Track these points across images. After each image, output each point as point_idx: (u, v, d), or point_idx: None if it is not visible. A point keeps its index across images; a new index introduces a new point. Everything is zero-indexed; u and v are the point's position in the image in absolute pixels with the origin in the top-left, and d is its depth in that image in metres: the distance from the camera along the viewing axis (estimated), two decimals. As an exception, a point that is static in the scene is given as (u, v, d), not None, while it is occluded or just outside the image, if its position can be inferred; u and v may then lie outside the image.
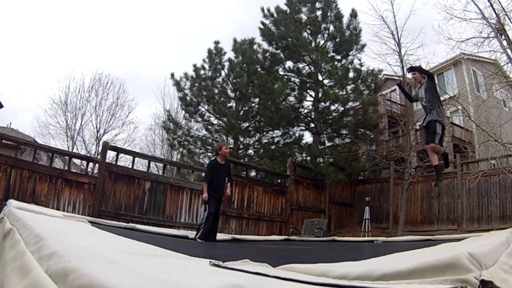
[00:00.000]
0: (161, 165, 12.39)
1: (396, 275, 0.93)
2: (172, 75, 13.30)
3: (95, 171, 7.72)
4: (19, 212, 2.24)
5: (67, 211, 6.51)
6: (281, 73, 12.61)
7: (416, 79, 4.85)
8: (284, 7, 12.53)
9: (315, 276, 1.04)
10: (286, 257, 3.03)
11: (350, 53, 12.45)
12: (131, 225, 5.34)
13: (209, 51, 13.57)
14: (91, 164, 7.92)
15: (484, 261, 0.97)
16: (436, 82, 15.69)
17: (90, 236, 1.95)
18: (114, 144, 11.55)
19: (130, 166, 8.07)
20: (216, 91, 13.62)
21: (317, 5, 12.54)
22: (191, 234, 5.29)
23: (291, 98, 12.30)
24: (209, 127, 13.81)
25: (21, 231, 1.45)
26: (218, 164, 5.41)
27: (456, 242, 2.58)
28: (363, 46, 12.21)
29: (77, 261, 0.76)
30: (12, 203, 3.18)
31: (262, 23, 12.44)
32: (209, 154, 13.79)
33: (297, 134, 12.96)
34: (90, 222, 3.63)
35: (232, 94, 13.73)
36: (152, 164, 10.07)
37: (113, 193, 7.41)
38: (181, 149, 14.11)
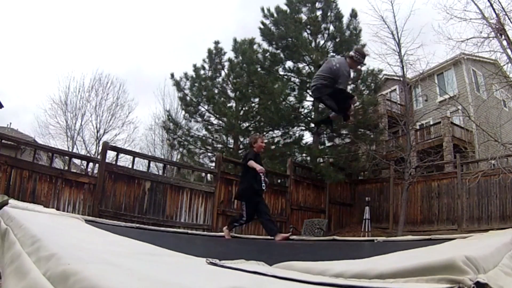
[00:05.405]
0: (161, 165, 12.38)
1: (393, 274, 0.93)
2: (172, 75, 13.32)
3: (95, 171, 7.71)
4: (13, 211, 2.20)
5: (67, 211, 6.51)
6: (281, 73, 12.61)
7: (353, 66, 4.49)
8: (284, 7, 12.54)
9: (312, 274, 1.04)
10: (284, 255, 3.03)
11: (350, 53, 12.44)
12: (131, 225, 5.33)
13: (209, 51, 13.57)
14: (91, 164, 7.91)
15: (482, 263, 0.96)
16: (436, 82, 15.68)
17: (85, 235, 1.92)
18: (114, 144, 11.56)
19: (130, 166, 8.06)
20: (216, 91, 13.62)
21: (317, 5, 12.54)
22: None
23: (291, 98, 12.30)
24: (209, 127, 13.81)
25: (15, 231, 1.42)
26: (258, 155, 5.01)
27: (457, 242, 2.58)
28: (363, 46, 12.20)
29: (76, 263, 0.75)
30: (11, 203, 3.16)
31: (262, 23, 12.45)
32: (209, 154, 13.80)
33: (297, 134, 12.96)
34: (85, 220, 3.60)
35: (232, 94, 13.73)
36: (152, 164, 10.05)
37: (113, 193, 7.41)
38: (181, 149, 14.11)
